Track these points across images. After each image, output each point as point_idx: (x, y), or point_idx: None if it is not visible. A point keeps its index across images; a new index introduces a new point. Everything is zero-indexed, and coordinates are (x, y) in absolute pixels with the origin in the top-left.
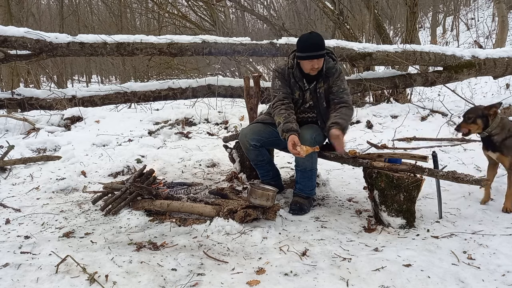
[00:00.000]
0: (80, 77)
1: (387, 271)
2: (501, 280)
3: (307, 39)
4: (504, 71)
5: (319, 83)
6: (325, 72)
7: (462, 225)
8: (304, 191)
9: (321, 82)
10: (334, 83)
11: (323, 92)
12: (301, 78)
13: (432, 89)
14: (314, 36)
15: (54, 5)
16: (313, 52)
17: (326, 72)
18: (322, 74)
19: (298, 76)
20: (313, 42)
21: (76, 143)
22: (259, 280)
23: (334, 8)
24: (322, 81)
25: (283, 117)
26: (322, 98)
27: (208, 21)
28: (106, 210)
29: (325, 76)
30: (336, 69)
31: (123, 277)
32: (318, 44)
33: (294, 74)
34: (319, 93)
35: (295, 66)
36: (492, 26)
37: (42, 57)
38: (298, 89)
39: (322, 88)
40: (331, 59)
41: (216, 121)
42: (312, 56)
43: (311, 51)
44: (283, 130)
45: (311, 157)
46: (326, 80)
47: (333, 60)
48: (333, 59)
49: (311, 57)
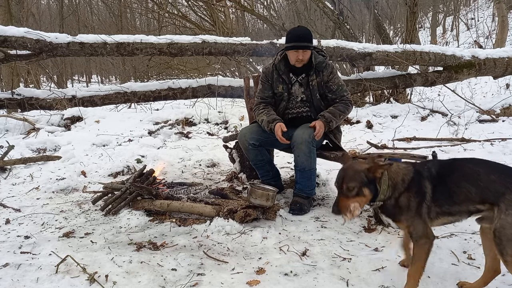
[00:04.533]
0: (80, 77)
1: (387, 271)
2: (501, 280)
3: (293, 31)
4: (504, 71)
5: (311, 76)
6: (315, 65)
7: (462, 225)
8: (304, 191)
9: (313, 75)
10: (331, 80)
11: (316, 85)
12: (287, 71)
13: (432, 89)
14: (301, 28)
15: (54, 5)
16: (298, 43)
17: (316, 65)
18: (312, 67)
19: (282, 69)
20: (299, 33)
21: (76, 143)
22: (259, 280)
23: (334, 8)
24: (314, 74)
25: (264, 113)
26: (316, 90)
27: (208, 21)
28: (106, 210)
29: (316, 70)
30: (328, 63)
31: (123, 277)
32: (303, 36)
33: (277, 68)
34: (311, 85)
35: (279, 60)
36: (492, 26)
37: (42, 57)
38: (282, 83)
39: (315, 81)
40: (321, 56)
41: (216, 121)
42: (297, 46)
43: (296, 41)
44: (268, 122)
45: (310, 157)
46: (318, 74)
47: (323, 55)
48: (322, 55)
49: (296, 47)
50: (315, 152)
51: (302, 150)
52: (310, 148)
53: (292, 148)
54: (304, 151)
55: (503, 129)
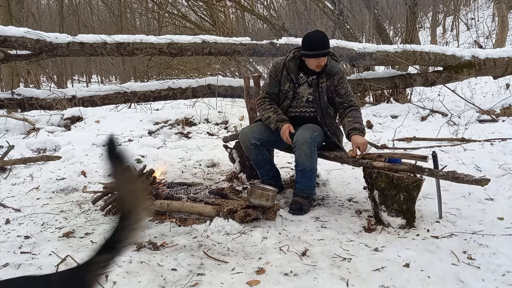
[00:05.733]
0: (80, 77)
1: (387, 271)
2: (501, 280)
3: (315, 37)
4: (504, 71)
5: (321, 78)
6: (328, 69)
7: (462, 225)
8: (304, 191)
9: (324, 78)
10: (341, 84)
11: (325, 88)
12: (296, 71)
13: (432, 89)
14: (321, 35)
15: (54, 5)
16: (320, 51)
17: (329, 69)
18: (325, 71)
19: (292, 68)
20: (321, 40)
21: (76, 143)
22: (259, 280)
23: (334, 8)
24: (325, 77)
25: (272, 110)
26: (324, 93)
27: (208, 21)
28: (106, 210)
29: (328, 73)
30: (340, 69)
31: (123, 277)
32: (325, 43)
33: (287, 66)
34: (321, 87)
35: (291, 58)
36: (492, 26)
37: (42, 57)
38: (289, 81)
39: (325, 84)
40: (334, 60)
41: (216, 121)
42: (320, 54)
43: (319, 49)
44: (277, 120)
45: (311, 157)
46: (329, 78)
47: (336, 59)
48: (335, 59)
49: (319, 55)
50: (316, 153)
51: (303, 150)
52: (312, 148)
53: (294, 148)
54: (305, 152)
55: (503, 129)
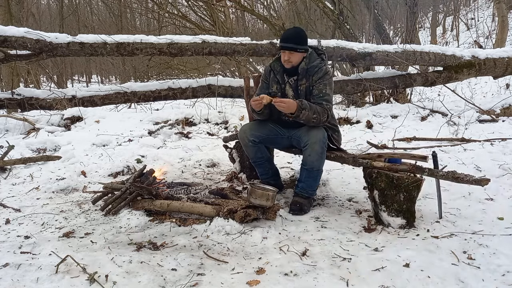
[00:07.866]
0: (80, 77)
1: (387, 271)
2: (501, 280)
3: (286, 31)
4: (504, 71)
5: (300, 80)
6: (307, 69)
7: (462, 225)
8: (307, 190)
9: (303, 79)
10: (316, 85)
11: (304, 90)
12: (281, 72)
13: (432, 89)
14: (294, 29)
15: (54, 5)
16: (285, 43)
17: (308, 69)
18: (299, 71)
19: (277, 69)
20: (287, 34)
21: (76, 143)
22: (259, 280)
23: (334, 8)
24: (304, 79)
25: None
26: (303, 96)
27: (208, 21)
28: (106, 210)
29: (306, 74)
30: (321, 69)
31: (123, 277)
32: (293, 37)
33: (272, 67)
34: (299, 90)
35: (276, 59)
36: (492, 26)
37: (42, 57)
38: (276, 83)
39: (304, 86)
40: (320, 59)
41: (216, 121)
42: (284, 47)
43: (284, 42)
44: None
45: (321, 158)
46: (308, 78)
47: (321, 60)
48: (322, 59)
49: (283, 47)
50: (325, 153)
51: (315, 149)
52: (323, 148)
53: (304, 147)
54: (317, 151)
55: (503, 129)
